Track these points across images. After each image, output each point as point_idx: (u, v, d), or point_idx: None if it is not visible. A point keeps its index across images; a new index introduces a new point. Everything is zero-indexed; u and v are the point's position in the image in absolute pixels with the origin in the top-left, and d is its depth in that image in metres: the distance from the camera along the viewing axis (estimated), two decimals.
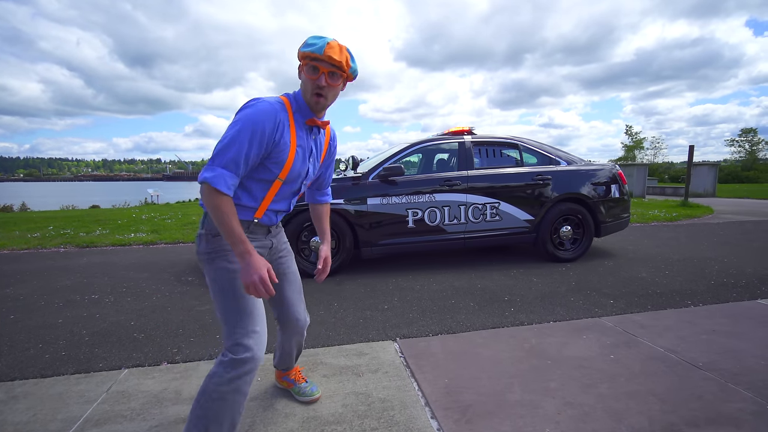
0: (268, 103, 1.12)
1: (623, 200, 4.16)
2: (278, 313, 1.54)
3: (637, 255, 4.24)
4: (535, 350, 2.04)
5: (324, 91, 1.15)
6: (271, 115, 1.10)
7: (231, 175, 1.07)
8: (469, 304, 2.74)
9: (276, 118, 1.11)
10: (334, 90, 1.18)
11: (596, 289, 3.04)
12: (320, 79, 1.13)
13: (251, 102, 1.13)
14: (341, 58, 1.12)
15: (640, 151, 30.06)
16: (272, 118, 1.10)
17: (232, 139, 1.06)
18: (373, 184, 3.56)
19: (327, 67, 1.12)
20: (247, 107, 1.11)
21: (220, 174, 1.05)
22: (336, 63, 1.11)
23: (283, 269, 1.46)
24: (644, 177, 14.09)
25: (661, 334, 2.21)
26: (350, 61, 1.16)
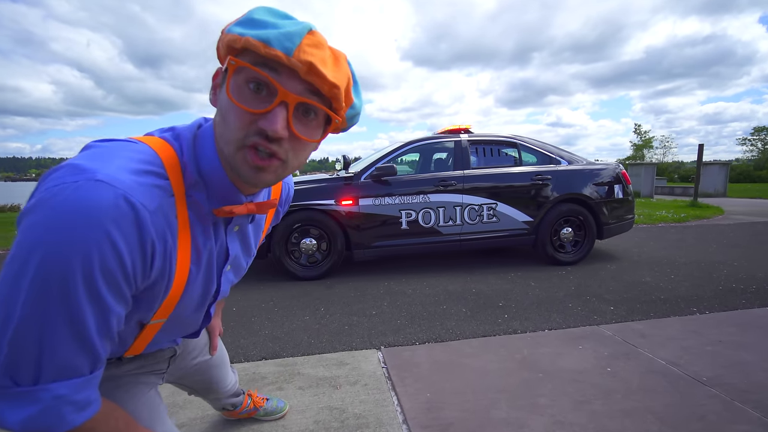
0: (100, 192, 0.43)
1: (627, 201, 4.01)
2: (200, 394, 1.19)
3: (641, 258, 4.08)
4: (526, 361, 1.91)
5: (276, 149, 0.50)
6: (134, 238, 0.46)
7: (70, 384, 0.46)
8: (461, 310, 2.62)
9: (143, 244, 0.47)
10: (303, 149, 0.53)
11: (596, 295, 2.90)
12: (272, 118, 0.47)
13: (55, 184, 0.43)
14: (338, 77, 0.50)
15: (649, 150, 29.58)
16: (135, 246, 0.46)
17: (23, 319, 0.42)
18: (365, 185, 3.45)
19: (298, 92, 0.48)
20: (47, 209, 0.42)
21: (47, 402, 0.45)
22: (324, 85, 0.49)
23: (202, 366, 1.03)
24: (652, 176, 13.82)
25: (663, 344, 2.07)
26: (353, 90, 0.54)
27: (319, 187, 3.41)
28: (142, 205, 0.46)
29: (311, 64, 0.46)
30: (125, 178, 0.46)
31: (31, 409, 0.44)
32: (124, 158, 0.48)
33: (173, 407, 1.52)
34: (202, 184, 0.55)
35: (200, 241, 0.58)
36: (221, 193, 0.56)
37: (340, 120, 0.53)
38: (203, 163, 0.54)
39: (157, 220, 0.49)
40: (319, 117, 0.52)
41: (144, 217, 0.46)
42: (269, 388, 1.69)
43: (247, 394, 1.43)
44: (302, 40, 0.47)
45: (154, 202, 0.48)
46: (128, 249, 0.45)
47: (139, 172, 0.48)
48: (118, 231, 0.44)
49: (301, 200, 3.31)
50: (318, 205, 3.32)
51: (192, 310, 0.66)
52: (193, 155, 0.55)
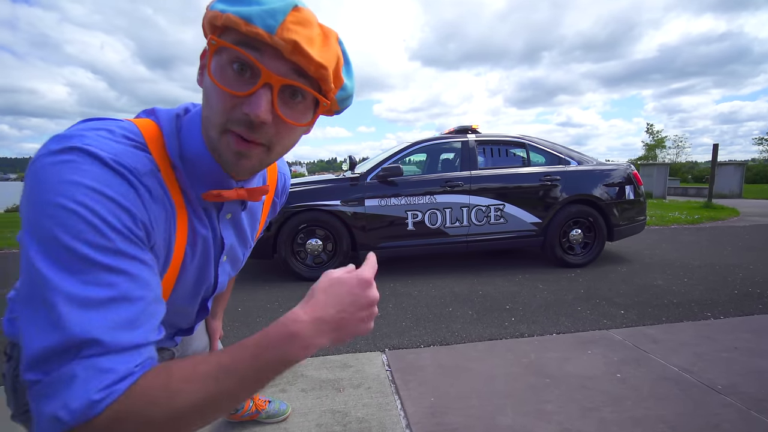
0: (97, 156, 0.42)
1: (638, 202, 3.92)
2: None
3: (653, 260, 3.99)
4: (533, 366, 1.88)
5: (261, 134, 0.47)
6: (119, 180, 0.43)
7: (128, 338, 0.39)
8: (467, 313, 2.59)
9: (137, 190, 0.45)
10: (290, 134, 0.50)
11: (606, 298, 2.84)
12: (255, 101, 0.44)
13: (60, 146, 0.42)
14: (325, 57, 0.46)
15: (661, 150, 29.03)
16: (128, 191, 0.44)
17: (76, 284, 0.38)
18: (371, 185, 3.43)
19: (282, 73, 0.45)
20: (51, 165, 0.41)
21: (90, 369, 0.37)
22: (311, 66, 0.45)
23: None
24: (665, 177, 13.56)
25: (675, 350, 2.02)
26: (343, 70, 0.51)
27: (325, 187, 3.40)
28: (132, 167, 0.45)
29: (295, 43, 0.43)
30: (111, 145, 0.44)
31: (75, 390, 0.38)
32: (107, 130, 0.46)
33: None
34: (183, 167, 0.52)
35: (196, 224, 0.56)
36: (209, 177, 0.53)
37: (328, 103, 0.50)
38: (187, 146, 0.52)
39: (150, 182, 0.46)
40: (307, 99, 0.49)
41: (133, 176, 0.44)
42: (272, 390, 1.69)
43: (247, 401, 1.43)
44: (286, 17, 0.43)
45: (144, 167, 0.46)
46: (125, 200, 0.43)
47: (125, 142, 0.46)
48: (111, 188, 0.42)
49: (307, 201, 3.31)
50: (324, 206, 3.31)
51: (188, 298, 0.63)
52: (176, 138, 0.52)
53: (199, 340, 0.98)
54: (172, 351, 0.83)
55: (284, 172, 0.79)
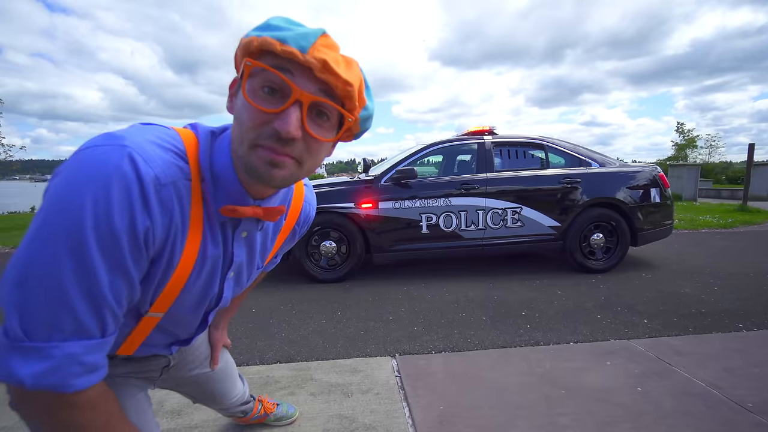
0: (138, 174, 0.47)
1: (665, 205, 3.75)
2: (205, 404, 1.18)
3: (681, 266, 3.81)
4: (548, 376, 1.81)
5: (291, 149, 0.50)
6: (138, 204, 0.47)
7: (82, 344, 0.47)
8: (481, 318, 2.53)
9: (149, 211, 0.48)
10: (318, 149, 0.53)
11: (628, 306, 2.72)
12: (286, 118, 0.47)
13: (87, 146, 0.47)
14: (351, 77, 0.50)
15: (692, 150, 27.76)
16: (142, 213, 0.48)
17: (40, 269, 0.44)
18: (385, 187, 3.42)
19: (312, 91, 0.48)
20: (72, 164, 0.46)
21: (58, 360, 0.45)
22: (339, 83, 0.49)
23: (201, 378, 1.00)
24: (696, 178, 12.95)
25: (702, 363, 1.91)
26: (365, 90, 0.54)
27: (339, 189, 3.41)
28: (154, 175, 0.48)
29: (325, 62, 0.47)
30: (149, 149, 0.49)
31: (43, 365, 0.45)
32: (154, 135, 0.52)
33: (187, 407, 1.55)
34: (211, 180, 0.56)
35: (209, 238, 0.58)
36: (229, 192, 0.56)
37: (353, 119, 0.52)
38: (216, 161, 0.56)
39: (166, 193, 0.50)
40: (332, 119, 0.52)
41: (148, 184, 0.48)
42: (281, 393, 1.69)
43: (258, 399, 1.43)
44: (317, 40, 0.48)
45: (168, 177, 0.50)
46: (130, 208, 0.46)
47: (165, 149, 0.51)
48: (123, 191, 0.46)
49: (321, 203, 3.32)
50: (338, 208, 3.32)
51: (190, 310, 0.65)
52: (208, 152, 0.56)
53: (200, 350, 0.99)
54: (168, 359, 0.84)
55: (310, 202, 0.80)
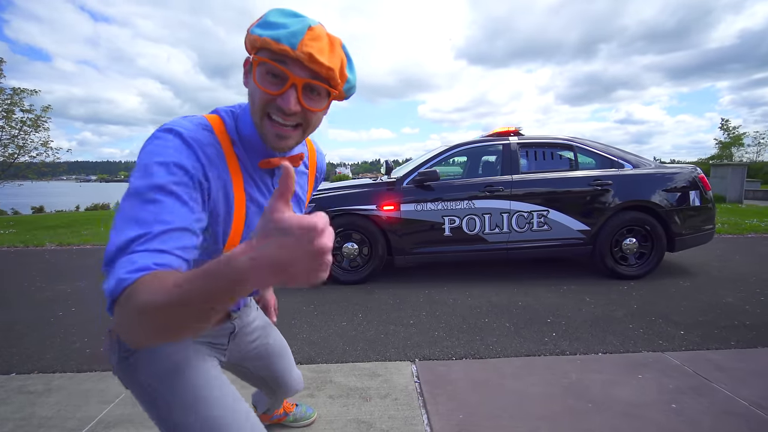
0: (179, 133, 0.64)
1: (706, 209, 3.53)
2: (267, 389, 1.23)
3: (723, 274, 3.57)
4: (574, 388, 1.74)
5: (291, 120, 0.66)
6: (186, 151, 0.64)
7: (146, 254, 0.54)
8: (504, 325, 2.47)
9: (197, 155, 0.65)
10: (314, 117, 0.68)
11: (663, 316, 2.58)
12: (286, 98, 0.63)
13: (153, 136, 0.65)
14: (333, 62, 0.64)
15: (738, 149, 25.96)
16: (190, 156, 0.64)
17: (136, 205, 0.57)
18: (408, 190, 3.40)
19: (303, 76, 0.63)
20: (145, 146, 0.64)
21: (125, 261, 0.53)
22: (322, 69, 0.63)
23: (262, 351, 1.09)
24: (742, 179, 12.11)
25: (745, 380, 1.78)
26: (347, 68, 0.69)
27: (361, 192, 3.43)
28: (197, 143, 0.66)
29: (311, 55, 0.61)
30: (187, 127, 0.67)
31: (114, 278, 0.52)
32: (186, 120, 0.70)
33: None
34: (240, 143, 0.73)
35: (252, 185, 0.75)
36: (259, 150, 0.74)
37: (337, 92, 0.69)
38: (243, 128, 0.73)
39: (208, 150, 0.67)
40: (322, 93, 0.67)
41: (202, 150, 0.66)
42: (301, 395, 1.71)
43: None
44: (304, 36, 0.62)
45: (205, 139, 0.68)
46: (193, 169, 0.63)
47: (194, 126, 0.68)
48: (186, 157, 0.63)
49: (343, 205, 3.35)
50: (360, 210, 3.33)
51: None
52: (234, 124, 0.74)
53: (257, 321, 1.08)
54: (233, 325, 0.96)
55: (321, 155, 0.99)
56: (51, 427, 1.53)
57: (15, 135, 15.63)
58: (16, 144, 15.74)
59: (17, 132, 15.63)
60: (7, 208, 15.76)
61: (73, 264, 4.37)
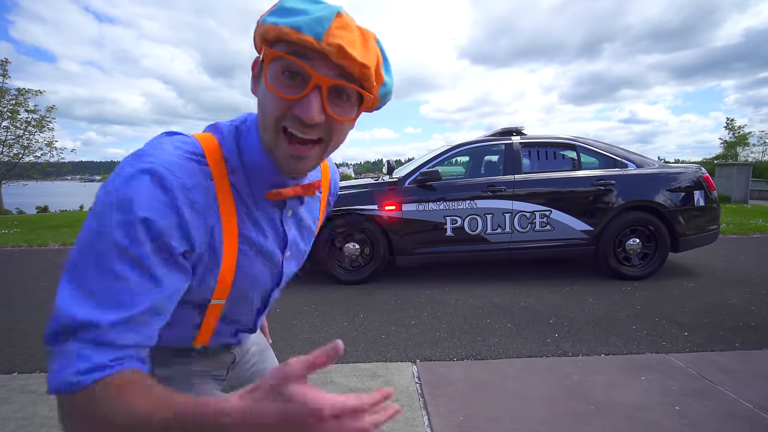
0: (160, 176, 0.49)
1: (710, 209, 3.50)
2: None
3: (727, 274, 3.54)
4: (576, 390, 1.73)
5: (312, 133, 0.51)
6: (163, 206, 0.49)
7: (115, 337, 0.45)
8: (506, 326, 2.46)
9: (178, 211, 0.50)
10: (340, 130, 0.54)
11: (667, 317, 2.55)
12: (307, 103, 0.48)
13: (125, 174, 0.49)
14: (367, 58, 0.49)
15: (744, 148, 25.76)
16: (168, 213, 0.49)
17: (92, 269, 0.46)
18: (409, 189, 3.39)
19: (330, 75, 0.48)
20: (113, 184, 0.49)
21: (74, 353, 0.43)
22: (355, 67, 0.48)
23: (259, 374, 1.01)
24: (747, 178, 12.02)
25: (750, 382, 1.76)
26: (383, 67, 0.54)
27: (362, 192, 3.42)
28: (177, 183, 0.51)
29: (340, 47, 0.47)
30: (169, 159, 0.51)
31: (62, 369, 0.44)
32: (172, 146, 0.54)
33: None
34: (242, 171, 0.58)
35: (249, 224, 0.61)
36: (266, 177, 0.59)
37: (372, 97, 0.54)
38: (247, 151, 0.58)
39: (196, 194, 0.53)
40: (352, 98, 0.52)
41: (173, 188, 0.50)
42: None
43: None
44: (331, 24, 0.47)
45: (193, 180, 0.52)
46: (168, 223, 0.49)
47: (184, 158, 0.53)
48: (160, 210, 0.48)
49: (345, 205, 3.34)
50: (361, 210, 3.33)
51: (252, 294, 0.68)
52: (235, 145, 0.58)
53: (254, 347, 1.01)
54: (233, 355, 0.86)
55: (334, 173, 0.85)
56: (53, 426, 1.53)
57: (20, 135, 15.79)
58: (20, 144, 15.90)
59: (22, 132, 15.77)
60: (12, 208, 15.89)
61: None
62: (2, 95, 15.11)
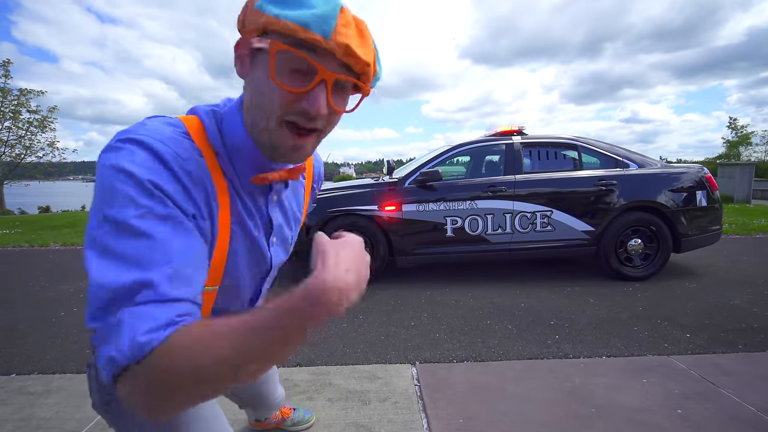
0: (147, 145, 0.49)
1: (713, 209, 3.47)
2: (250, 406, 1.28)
3: (730, 275, 3.51)
4: (577, 392, 1.71)
5: (317, 122, 0.53)
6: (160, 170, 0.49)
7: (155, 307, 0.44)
8: (507, 327, 2.44)
9: (176, 175, 0.50)
10: (336, 120, 0.57)
11: (669, 318, 2.53)
12: (314, 97, 0.51)
13: (110, 146, 0.49)
14: (368, 55, 0.52)
15: (746, 148, 25.65)
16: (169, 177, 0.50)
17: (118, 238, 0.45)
18: (409, 190, 3.38)
19: (336, 71, 0.51)
20: (105, 160, 0.49)
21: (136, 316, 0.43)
22: (358, 64, 0.52)
23: None
24: (750, 178, 11.96)
25: (753, 385, 1.74)
26: (377, 60, 0.57)
27: (362, 192, 3.41)
28: (169, 150, 0.51)
29: (348, 47, 0.49)
30: (160, 131, 0.52)
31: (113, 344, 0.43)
32: (161, 124, 0.55)
33: None
34: (225, 154, 0.59)
35: (239, 205, 0.61)
36: (251, 161, 0.59)
37: (369, 90, 0.57)
38: (230, 136, 0.58)
39: (191, 166, 0.53)
40: (348, 89, 0.55)
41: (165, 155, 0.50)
42: (300, 398, 1.70)
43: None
44: (337, 21, 0.48)
45: (187, 153, 0.53)
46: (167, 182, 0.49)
47: (176, 133, 0.54)
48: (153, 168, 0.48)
49: (345, 205, 3.33)
50: (361, 211, 3.32)
51: (243, 280, 0.67)
52: (216, 128, 0.59)
53: None
54: None
55: (319, 161, 0.86)
56: (50, 428, 1.52)
57: (22, 135, 15.84)
58: (23, 144, 15.95)
59: (24, 132, 15.82)
60: (14, 208, 15.93)
61: (76, 264, 4.39)
62: (4, 96, 15.17)
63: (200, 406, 0.71)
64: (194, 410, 0.69)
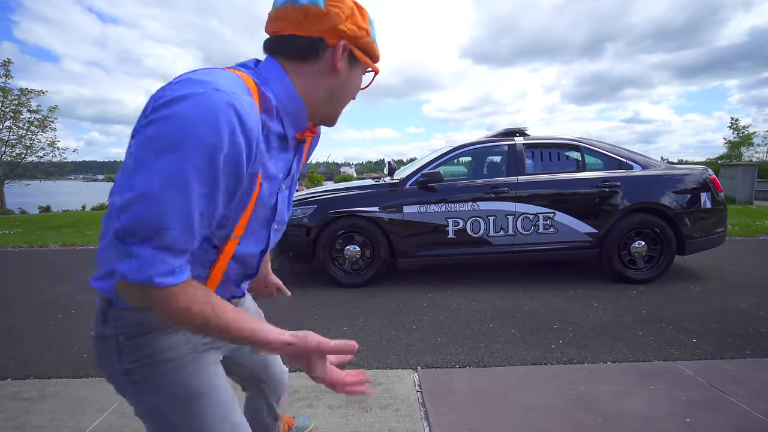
0: (240, 116, 0.55)
1: (717, 211, 3.44)
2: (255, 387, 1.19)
3: (735, 278, 3.47)
4: (582, 399, 1.68)
5: None
6: (243, 145, 0.56)
7: (170, 257, 0.54)
8: (510, 331, 2.41)
9: (251, 149, 0.58)
10: None
11: (674, 322, 2.50)
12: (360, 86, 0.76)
13: (193, 82, 0.55)
14: None
15: (748, 148, 25.53)
16: (246, 153, 0.57)
17: (164, 182, 0.51)
18: (411, 191, 3.34)
19: None
20: (186, 98, 0.52)
21: (149, 258, 0.52)
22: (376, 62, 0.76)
23: None
24: (752, 179, 11.91)
25: (762, 393, 1.70)
26: None
27: (363, 193, 3.37)
28: (247, 113, 0.56)
29: (380, 57, 0.74)
30: (241, 97, 0.57)
31: (130, 263, 0.53)
32: (228, 78, 0.59)
33: None
34: (276, 114, 0.66)
35: (275, 157, 0.68)
36: (297, 121, 0.69)
37: (378, 70, 0.75)
38: (277, 96, 0.65)
39: (257, 132, 0.59)
40: None
41: (249, 120, 0.57)
42: (299, 405, 1.67)
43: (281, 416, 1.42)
44: None
45: (256, 117, 0.59)
46: (240, 140, 0.56)
47: (246, 92, 0.59)
48: (233, 128, 0.54)
49: (345, 207, 3.30)
50: (362, 212, 3.28)
51: (260, 230, 0.74)
52: (268, 86, 0.65)
53: (249, 310, 1.02)
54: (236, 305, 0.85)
55: None
56: None
57: (22, 135, 15.83)
58: (23, 144, 15.94)
59: (24, 132, 15.82)
60: (14, 208, 15.93)
61: (75, 265, 4.36)
62: (5, 95, 15.16)
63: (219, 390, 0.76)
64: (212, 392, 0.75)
